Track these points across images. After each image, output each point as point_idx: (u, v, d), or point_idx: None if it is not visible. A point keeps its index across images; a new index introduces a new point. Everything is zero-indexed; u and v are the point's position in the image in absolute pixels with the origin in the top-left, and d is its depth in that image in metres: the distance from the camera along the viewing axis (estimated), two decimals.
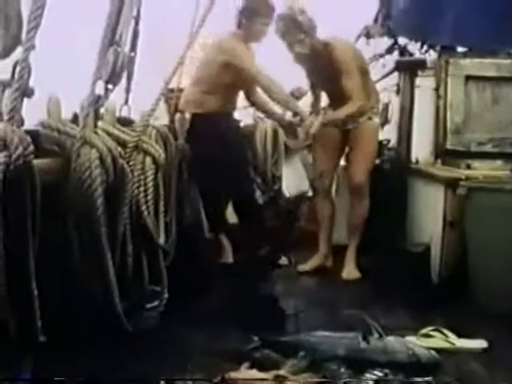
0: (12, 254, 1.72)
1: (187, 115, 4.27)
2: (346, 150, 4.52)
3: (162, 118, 3.67)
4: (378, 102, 4.55)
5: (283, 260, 4.77)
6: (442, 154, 4.39)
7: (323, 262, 4.54)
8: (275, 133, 5.74)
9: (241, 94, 4.75)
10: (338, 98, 4.31)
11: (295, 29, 4.15)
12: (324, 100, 4.70)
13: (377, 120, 4.46)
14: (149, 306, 2.79)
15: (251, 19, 4.31)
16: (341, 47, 4.26)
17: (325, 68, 4.31)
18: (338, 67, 4.20)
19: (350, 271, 4.29)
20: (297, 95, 6.32)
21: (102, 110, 2.73)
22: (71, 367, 2.31)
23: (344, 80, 4.20)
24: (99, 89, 2.72)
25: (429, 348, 2.86)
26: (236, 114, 4.88)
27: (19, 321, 1.79)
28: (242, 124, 5.14)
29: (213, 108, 4.34)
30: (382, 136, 4.80)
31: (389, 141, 4.92)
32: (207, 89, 4.33)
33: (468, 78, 4.42)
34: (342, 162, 4.66)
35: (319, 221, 4.61)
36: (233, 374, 2.62)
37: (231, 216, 4.91)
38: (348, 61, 4.21)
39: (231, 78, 4.26)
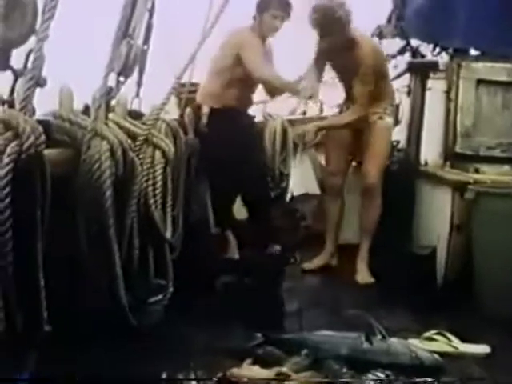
0: (20, 244, 1.72)
1: (205, 109, 4.27)
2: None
3: (172, 113, 3.66)
4: (393, 103, 4.50)
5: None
6: (451, 156, 4.39)
7: (329, 260, 4.53)
8: (284, 131, 5.73)
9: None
10: (349, 97, 4.32)
11: (332, 23, 4.04)
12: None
13: (389, 120, 4.41)
14: (153, 299, 2.78)
15: (262, 12, 4.31)
16: (366, 47, 4.19)
17: (345, 63, 4.27)
18: (356, 67, 4.16)
19: (364, 275, 4.24)
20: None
21: (113, 103, 2.74)
22: (74, 359, 2.32)
23: (356, 82, 4.18)
24: (111, 81, 2.73)
25: (432, 352, 2.86)
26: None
27: (25, 311, 1.79)
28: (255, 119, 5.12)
29: (230, 102, 4.34)
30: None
31: (398, 142, 4.91)
32: (224, 83, 4.33)
33: (479, 81, 4.41)
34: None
35: (327, 219, 4.60)
36: (235, 371, 2.63)
37: (238, 212, 4.91)
38: (368, 64, 4.15)
39: (244, 72, 4.26)
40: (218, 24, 2.81)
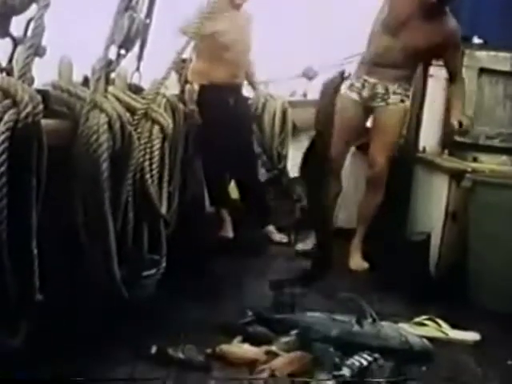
0: (14, 212, 1.72)
1: (195, 86, 4.26)
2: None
3: (172, 88, 3.65)
4: (412, 85, 4.31)
5: (282, 238, 4.79)
6: (449, 144, 4.37)
7: None
8: (284, 111, 5.71)
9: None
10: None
11: None
12: None
13: (407, 104, 4.24)
14: (146, 273, 2.79)
15: None
16: (452, 19, 4.03)
17: (431, 30, 4.01)
18: (443, 42, 4.01)
19: (357, 262, 4.21)
20: (311, 75, 6.30)
21: (113, 76, 2.72)
22: (63, 330, 2.34)
23: (450, 53, 4.06)
24: (111, 53, 2.71)
25: (421, 336, 2.88)
26: (245, 91, 4.88)
27: (18, 279, 1.80)
28: (251, 101, 5.12)
29: (219, 79, 4.33)
30: None
31: None
32: (211, 60, 4.33)
33: (482, 70, 4.39)
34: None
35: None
36: (224, 347, 2.65)
37: (233, 191, 4.92)
38: (457, 36, 4.06)
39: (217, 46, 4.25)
40: None
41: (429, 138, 4.51)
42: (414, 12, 3.96)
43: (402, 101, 4.16)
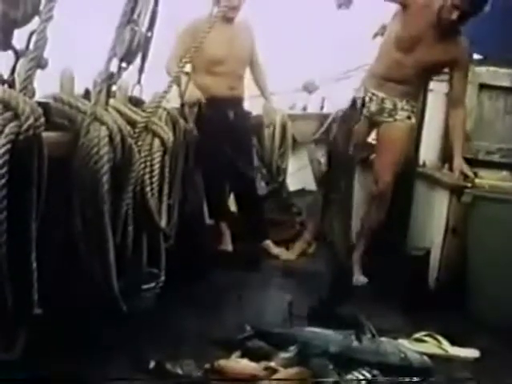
0: (14, 224, 1.72)
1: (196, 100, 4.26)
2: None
3: (173, 101, 3.65)
4: (418, 102, 4.32)
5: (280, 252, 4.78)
6: (449, 159, 4.37)
7: (305, 247, 4.50)
8: (284, 125, 5.72)
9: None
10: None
11: None
12: None
13: (414, 121, 4.21)
14: (145, 287, 2.78)
15: None
16: (463, 39, 4.02)
17: (440, 51, 3.99)
18: (453, 61, 3.99)
19: (357, 277, 4.14)
20: (311, 89, 6.31)
21: (114, 88, 2.72)
22: (64, 342, 2.32)
23: (456, 76, 4.03)
24: (113, 66, 2.71)
25: (421, 353, 2.86)
26: (246, 104, 4.88)
27: (16, 292, 1.79)
28: (252, 114, 5.12)
29: (217, 93, 4.34)
30: None
31: None
32: (206, 74, 4.34)
33: (482, 86, 4.40)
34: None
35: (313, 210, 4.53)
36: (222, 362, 2.63)
37: (232, 204, 4.92)
38: (466, 58, 4.05)
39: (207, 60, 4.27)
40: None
41: (429, 152, 4.50)
42: (430, 29, 3.95)
43: (409, 117, 4.15)
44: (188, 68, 4.13)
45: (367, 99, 4.14)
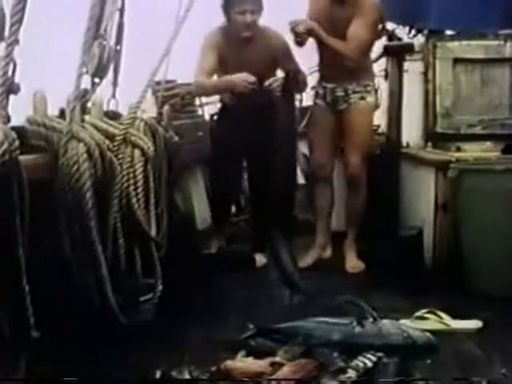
0: (1, 251, 1.72)
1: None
2: None
3: (149, 111, 3.65)
4: (373, 80, 4.30)
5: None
6: (432, 137, 4.39)
7: (321, 254, 4.33)
8: None
9: None
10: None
11: None
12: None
13: (371, 99, 4.20)
14: (143, 298, 2.79)
15: (228, 11, 4.12)
16: None
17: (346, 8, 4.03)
18: (356, 8, 3.99)
19: (353, 264, 4.16)
20: None
21: (89, 105, 2.73)
22: (66, 362, 2.32)
23: (357, 21, 3.98)
24: (86, 83, 2.72)
25: (424, 330, 2.88)
26: None
27: (11, 318, 1.79)
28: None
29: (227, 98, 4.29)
30: None
31: (379, 126, 4.91)
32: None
33: (456, 60, 4.41)
34: None
35: (317, 210, 4.38)
36: (229, 363, 2.63)
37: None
38: (372, 10, 4.04)
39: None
40: (188, 20, 2.81)
41: (411, 132, 4.52)
42: (328, 5, 4.04)
43: (363, 98, 4.16)
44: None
45: (321, 92, 4.25)
